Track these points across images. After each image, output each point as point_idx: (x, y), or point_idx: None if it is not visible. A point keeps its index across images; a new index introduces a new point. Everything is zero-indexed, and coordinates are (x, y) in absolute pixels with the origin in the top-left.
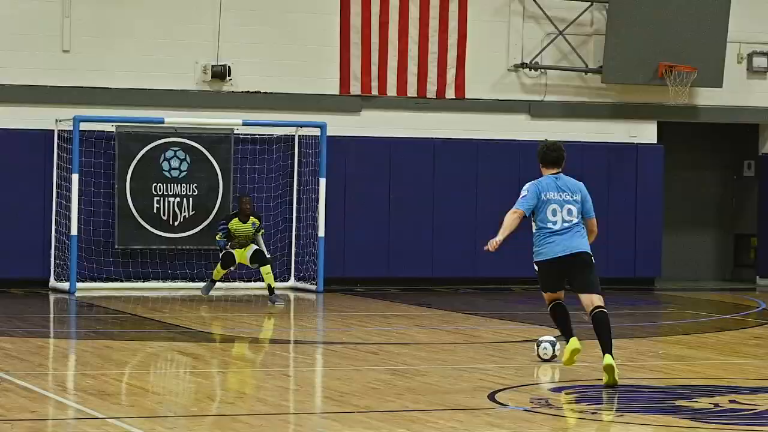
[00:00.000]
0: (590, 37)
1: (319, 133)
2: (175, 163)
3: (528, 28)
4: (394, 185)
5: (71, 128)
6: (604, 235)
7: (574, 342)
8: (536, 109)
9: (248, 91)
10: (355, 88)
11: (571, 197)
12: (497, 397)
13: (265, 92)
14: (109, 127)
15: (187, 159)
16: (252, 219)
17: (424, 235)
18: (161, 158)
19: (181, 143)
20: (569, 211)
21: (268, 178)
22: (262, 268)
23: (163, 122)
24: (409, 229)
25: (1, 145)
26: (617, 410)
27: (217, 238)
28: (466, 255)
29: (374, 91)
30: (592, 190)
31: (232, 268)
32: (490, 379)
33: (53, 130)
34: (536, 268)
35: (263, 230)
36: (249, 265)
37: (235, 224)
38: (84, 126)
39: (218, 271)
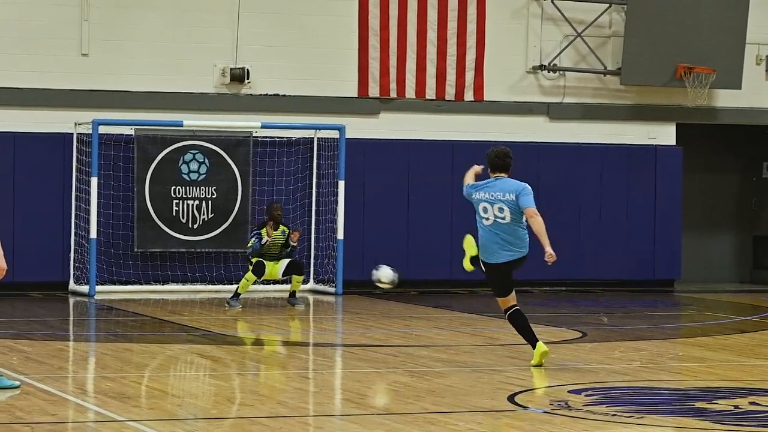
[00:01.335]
0: (609, 38)
1: (337, 136)
2: (194, 166)
3: (546, 30)
4: (412, 187)
5: (90, 132)
6: (623, 237)
7: (541, 346)
8: (555, 111)
9: (267, 94)
10: (374, 90)
11: (503, 197)
12: (517, 399)
13: (284, 95)
14: (128, 131)
15: (206, 162)
16: (282, 227)
17: (443, 237)
18: (180, 161)
19: (200, 146)
20: (500, 209)
21: (286, 180)
22: (296, 276)
23: (181, 125)
24: (428, 231)
25: (21, 148)
26: (637, 412)
27: (250, 243)
28: None
29: (393, 94)
30: (610, 192)
31: (258, 280)
32: (510, 381)
33: (72, 134)
34: (482, 267)
35: (294, 246)
36: (279, 278)
37: (266, 234)
38: (103, 129)
39: (246, 283)
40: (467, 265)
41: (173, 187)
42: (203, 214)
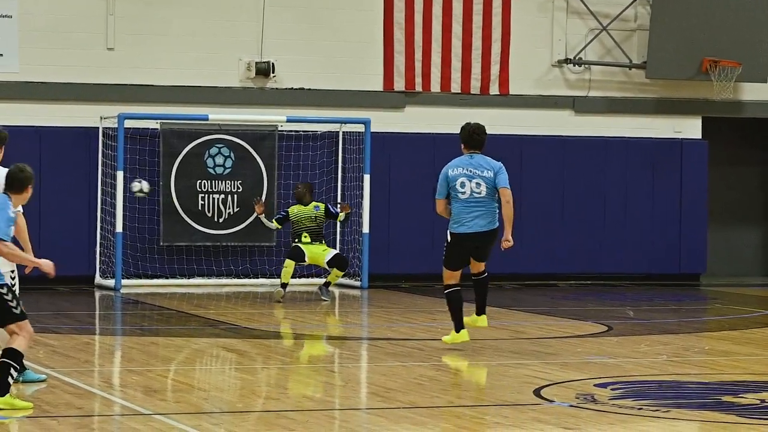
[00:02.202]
0: (634, 32)
1: (363, 130)
2: (219, 160)
3: (571, 24)
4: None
5: (116, 126)
6: (649, 230)
7: (465, 334)
8: (580, 105)
9: (292, 88)
10: (399, 84)
11: (481, 173)
12: (543, 392)
13: (309, 89)
14: (154, 125)
15: (232, 156)
16: (315, 203)
17: None
18: (206, 155)
19: (226, 140)
20: (477, 184)
21: (312, 174)
22: (336, 271)
23: (207, 119)
24: None
25: (47, 142)
26: (663, 406)
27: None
28: (511, 250)
29: (418, 87)
30: (636, 185)
31: (298, 263)
32: (536, 375)
33: (98, 128)
34: (449, 238)
35: (343, 214)
36: (325, 266)
37: (295, 209)
38: (128, 123)
39: (285, 270)
40: None
41: (199, 181)
42: (229, 208)
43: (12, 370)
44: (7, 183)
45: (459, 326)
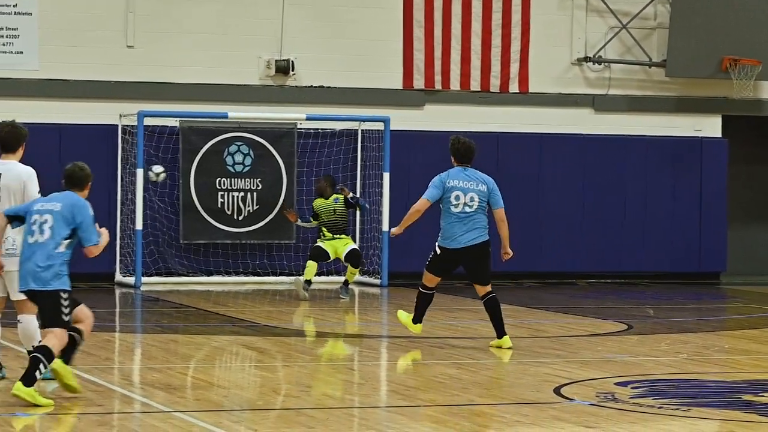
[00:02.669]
0: (654, 30)
1: (382, 128)
2: (238, 157)
3: (591, 22)
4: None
5: (135, 123)
6: (669, 229)
7: (419, 327)
8: (600, 103)
9: (311, 86)
10: (419, 82)
11: (476, 186)
12: (563, 391)
13: (329, 87)
14: (173, 122)
15: (251, 154)
16: (335, 195)
17: None
18: (225, 153)
19: (245, 138)
20: (471, 198)
21: (331, 171)
22: (351, 267)
23: (226, 117)
24: None
25: (66, 140)
26: (684, 405)
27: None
28: (530, 248)
29: (437, 85)
30: (655, 184)
31: (321, 262)
32: (556, 374)
33: (117, 126)
34: (438, 251)
35: (357, 200)
36: (343, 261)
37: (318, 203)
38: (148, 121)
39: (309, 269)
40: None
41: (218, 179)
42: (248, 206)
43: (41, 366)
44: (68, 181)
45: (417, 319)
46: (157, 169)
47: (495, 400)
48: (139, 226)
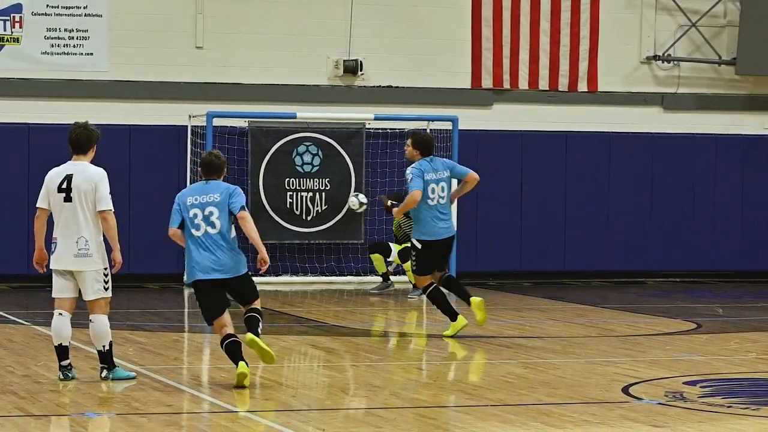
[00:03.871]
0: (723, 28)
1: (450, 127)
2: (307, 158)
3: (660, 20)
4: (525, 178)
5: (204, 124)
6: (738, 227)
7: (462, 320)
8: (669, 102)
9: (380, 86)
10: (487, 81)
11: (443, 175)
12: (631, 390)
13: (397, 86)
14: (242, 123)
15: (320, 154)
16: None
17: (556, 228)
18: (294, 153)
19: (314, 138)
20: (442, 188)
21: (399, 172)
22: (405, 264)
23: (295, 117)
24: (541, 223)
25: (136, 141)
26: (753, 404)
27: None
28: (599, 248)
29: (506, 85)
30: (725, 182)
31: (389, 259)
32: (624, 373)
33: (187, 126)
34: (418, 245)
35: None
36: (399, 262)
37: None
38: (217, 122)
39: (377, 265)
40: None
41: (287, 179)
42: (317, 206)
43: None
44: (207, 170)
45: (453, 316)
46: (363, 198)
47: (563, 399)
48: None
